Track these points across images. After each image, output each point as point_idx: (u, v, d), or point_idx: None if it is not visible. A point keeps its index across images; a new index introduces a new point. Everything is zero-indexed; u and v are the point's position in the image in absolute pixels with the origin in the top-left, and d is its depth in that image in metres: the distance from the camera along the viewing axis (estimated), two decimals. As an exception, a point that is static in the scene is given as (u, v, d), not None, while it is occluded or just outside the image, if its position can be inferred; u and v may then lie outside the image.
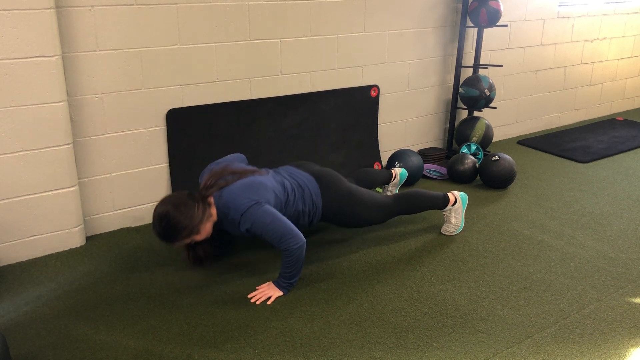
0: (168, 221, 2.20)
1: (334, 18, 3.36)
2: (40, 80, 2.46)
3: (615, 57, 5.20)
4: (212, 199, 2.32)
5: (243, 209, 2.24)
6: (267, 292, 2.32)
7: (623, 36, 5.17)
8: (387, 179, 3.21)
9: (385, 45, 3.63)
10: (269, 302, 2.28)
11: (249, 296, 2.32)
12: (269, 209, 2.26)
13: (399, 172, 3.26)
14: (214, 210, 2.31)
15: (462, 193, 2.91)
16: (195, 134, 3.04)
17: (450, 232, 2.87)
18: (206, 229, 2.30)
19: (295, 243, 2.23)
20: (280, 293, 2.32)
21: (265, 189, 2.33)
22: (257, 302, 2.28)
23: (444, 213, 2.88)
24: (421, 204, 2.78)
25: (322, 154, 3.54)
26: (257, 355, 1.97)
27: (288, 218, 2.37)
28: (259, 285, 2.39)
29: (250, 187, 2.31)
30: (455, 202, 2.85)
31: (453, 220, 2.86)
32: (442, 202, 2.82)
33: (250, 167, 2.51)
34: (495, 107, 4.02)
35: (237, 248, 2.72)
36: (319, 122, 3.49)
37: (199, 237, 2.30)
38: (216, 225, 2.37)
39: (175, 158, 3.01)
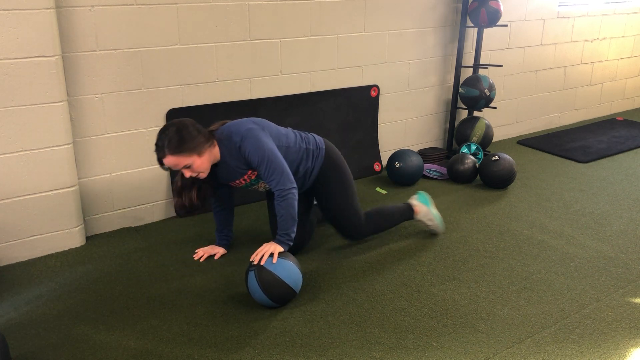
0: (176, 130, 2.19)
1: (334, 18, 3.36)
2: (40, 80, 2.45)
3: (615, 57, 5.20)
4: (215, 141, 2.31)
5: (244, 130, 2.29)
6: (269, 249, 2.23)
7: (623, 36, 5.17)
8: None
9: (385, 45, 3.63)
10: (274, 260, 2.18)
11: (251, 258, 2.23)
12: (269, 140, 2.30)
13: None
14: (216, 150, 2.31)
15: (419, 194, 2.84)
16: (195, 134, 3.04)
17: (437, 231, 2.84)
18: (206, 160, 2.26)
19: (290, 182, 2.27)
20: (281, 249, 2.25)
21: (268, 123, 2.41)
22: (262, 262, 2.17)
23: (417, 222, 2.84)
24: (389, 222, 2.75)
25: (322, 154, 3.54)
26: (257, 355, 1.97)
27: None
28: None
29: (252, 119, 2.39)
30: (420, 210, 2.79)
31: (429, 224, 2.81)
32: (410, 213, 2.77)
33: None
34: (495, 107, 4.02)
35: (236, 246, 2.72)
36: (319, 122, 3.49)
37: (199, 164, 2.23)
38: (216, 170, 2.38)
39: (175, 158, 3.01)
